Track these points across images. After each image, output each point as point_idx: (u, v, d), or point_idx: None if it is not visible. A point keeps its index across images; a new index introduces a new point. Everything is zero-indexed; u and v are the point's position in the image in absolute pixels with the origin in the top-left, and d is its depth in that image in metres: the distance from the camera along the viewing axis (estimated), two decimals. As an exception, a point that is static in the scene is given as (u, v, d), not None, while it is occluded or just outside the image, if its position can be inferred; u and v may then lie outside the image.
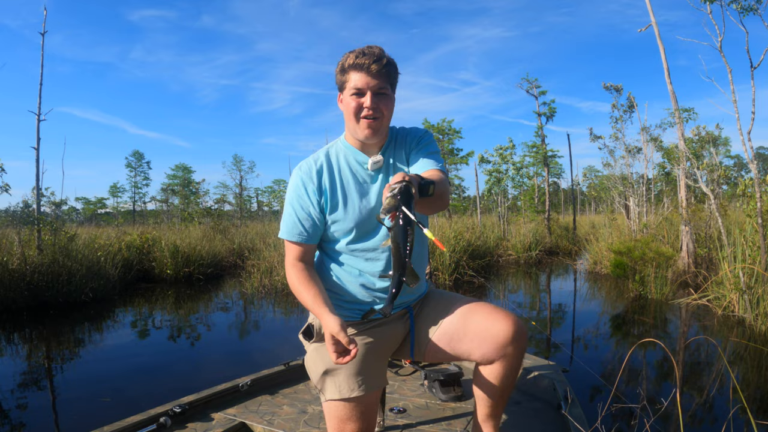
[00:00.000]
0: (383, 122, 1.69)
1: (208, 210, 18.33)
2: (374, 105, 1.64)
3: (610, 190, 11.60)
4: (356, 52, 1.63)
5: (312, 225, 1.72)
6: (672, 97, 9.05)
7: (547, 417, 2.49)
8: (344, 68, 1.65)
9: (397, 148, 1.80)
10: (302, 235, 1.72)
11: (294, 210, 1.73)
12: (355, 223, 1.71)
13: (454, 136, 18.78)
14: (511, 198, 19.16)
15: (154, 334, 5.80)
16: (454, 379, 2.74)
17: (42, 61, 8.37)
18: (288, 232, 1.73)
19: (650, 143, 10.64)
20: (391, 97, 1.69)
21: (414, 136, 1.81)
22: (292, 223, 1.72)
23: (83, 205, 37.09)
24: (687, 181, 8.97)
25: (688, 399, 3.45)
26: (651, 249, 7.81)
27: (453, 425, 2.41)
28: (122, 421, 2.26)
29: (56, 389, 3.90)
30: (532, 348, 4.90)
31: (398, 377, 3.09)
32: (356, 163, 1.76)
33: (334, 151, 1.79)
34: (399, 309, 1.82)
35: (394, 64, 1.68)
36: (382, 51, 1.65)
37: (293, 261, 1.73)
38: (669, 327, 5.77)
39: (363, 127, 1.67)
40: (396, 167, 1.76)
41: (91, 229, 14.61)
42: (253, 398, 2.71)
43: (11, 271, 6.98)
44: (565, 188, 39.04)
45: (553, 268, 12.08)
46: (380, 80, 1.63)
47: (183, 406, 2.41)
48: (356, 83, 1.63)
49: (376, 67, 1.61)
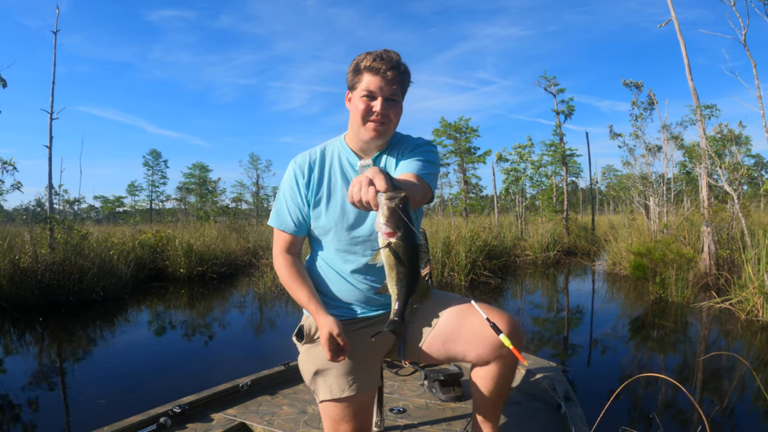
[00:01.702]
0: (390, 128, 1.69)
1: (224, 209, 18.46)
2: (384, 110, 1.63)
3: (630, 189, 11.35)
4: (374, 55, 1.62)
5: (300, 217, 1.76)
6: (693, 93, 8.81)
7: (547, 417, 2.49)
8: (359, 68, 1.64)
9: (392, 154, 1.78)
10: (290, 226, 1.76)
11: (285, 200, 1.77)
12: (335, 222, 1.72)
13: (471, 134, 18.64)
14: (529, 197, 18.90)
15: (161, 334, 5.81)
16: (454, 379, 2.74)
17: (54, 60, 8.44)
18: (277, 221, 1.78)
19: (671, 141, 10.39)
20: (400, 105, 1.69)
21: (412, 144, 1.78)
22: (282, 212, 1.77)
23: (102, 203, 37.65)
24: (709, 180, 8.72)
25: (708, 405, 3.35)
26: (672, 250, 7.59)
27: (453, 425, 2.41)
28: (122, 421, 2.26)
29: (58, 389, 3.90)
30: (542, 350, 4.80)
31: (398, 377, 3.10)
32: (348, 163, 1.77)
33: (331, 149, 1.80)
34: (388, 310, 1.77)
35: (409, 73, 1.69)
36: (400, 58, 1.65)
37: (281, 251, 1.79)
38: (690, 331, 5.60)
39: (369, 129, 1.66)
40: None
41: (106, 227, 14.79)
42: (253, 398, 2.71)
43: (23, 270, 7.01)
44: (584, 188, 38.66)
45: (571, 269, 11.90)
46: (393, 87, 1.63)
47: (183, 407, 2.42)
48: (369, 86, 1.62)
49: (392, 73, 1.61)
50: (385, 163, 1.77)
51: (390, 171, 1.73)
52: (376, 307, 1.79)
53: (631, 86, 11.01)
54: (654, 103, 10.79)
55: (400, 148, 1.78)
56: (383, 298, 1.75)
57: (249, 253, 12.27)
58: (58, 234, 7.90)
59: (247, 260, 11.84)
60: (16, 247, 7.45)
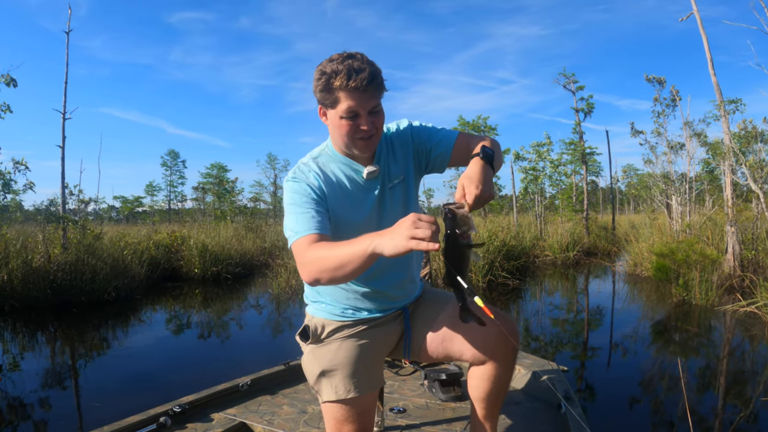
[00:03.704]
0: (378, 136, 1.59)
1: (241, 208, 18.57)
2: (370, 126, 1.52)
3: (651, 188, 11.06)
4: (344, 71, 1.43)
5: (327, 218, 1.55)
6: (716, 88, 8.55)
7: (547, 417, 2.49)
8: (331, 87, 1.47)
9: (391, 153, 1.70)
10: (321, 225, 1.50)
11: (306, 208, 1.53)
12: (354, 236, 1.56)
13: (489, 133, 18.46)
14: (548, 197, 18.60)
15: (168, 335, 5.79)
16: (454, 379, 2.74)
17: (67, 60, 8.58)
18: (306, 226, 1.48)
19: (693, 138, 10.09)
20: (382, 111, 1.56)
21: (400, 138, 1.72)
22: (308, 218, 1.50)
23: (121, 203, 38.22)
24: (733, 178, 8.44)
25: (731, 411, 3.25)
26: (695, 251, 7.36)
27: (453, 425, 2.42)
28: (122, 420, 2.25)
29: (62, 389, 3.92)
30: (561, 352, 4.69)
31: (398, 377, 3.10)
32: (352, 172, 1.65)
33: (323, 161, 1.65)
34: (394, 311, 1.79)
35: (382, 76, 1.52)
36: (370, 66, 1.47)
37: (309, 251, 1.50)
38: (714, 336, 5.42)
39: (360, 145, 1.56)
40: (390, 175, 1.68)
41: (123, 227, 14.96)
42: (253, 398, 2.70)
43: (35, 270, 7.06)
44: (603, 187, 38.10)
45: (591, 270, 11.69)
46: (374, 99, 1.50)
47: (183, 406, 2.41)
48: (349, 106, 1.47)
49: (371, 88, 1.46)
50: (388, 163, 1.68)
51: (398, 173, 1.69)
52: (382, 308, 1.77)
53: (653, 82, 10.75)
54: (676, 100, 10.50)
55: (400, 145, 1.71)
56: (388, 299, 1.75)
57: (265, 253, 12.30)
58: (71, 234, 7.95)
59: (263, 260, 11.87)
60: (29, 246, 7.52)
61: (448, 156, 1.68)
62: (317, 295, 1.78)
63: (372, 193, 1.66)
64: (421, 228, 1.19)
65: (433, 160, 1.71)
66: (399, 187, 1.69)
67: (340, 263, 1.34)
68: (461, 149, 1.66)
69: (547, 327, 5.88)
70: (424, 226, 1.19)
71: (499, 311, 1.60)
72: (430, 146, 1.69)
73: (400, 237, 1.21)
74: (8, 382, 4.03)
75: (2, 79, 7.39)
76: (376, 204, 1.66)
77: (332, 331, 1.72)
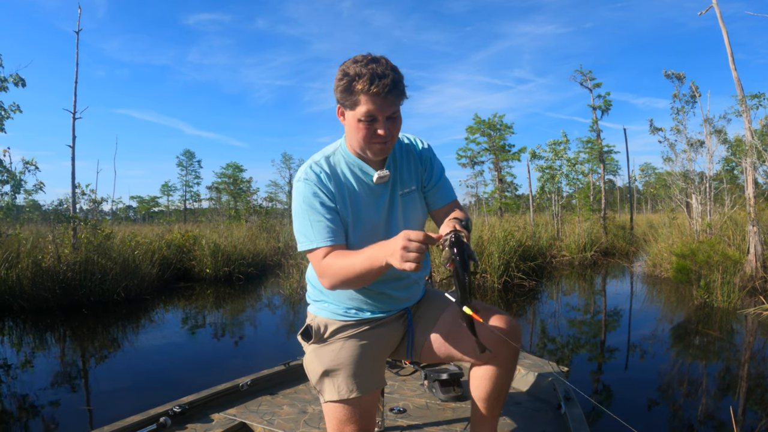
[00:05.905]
0: (393, 142, 1.62)
1: (256, 208, 18.61)
2: (387, 131, 1.56)
3: (671, 186, 10.79)
4: (367, 75, 1.47)
5: (341, 226, 1.62)
6: (737, 83, 8.31)
7: (547, 417, 2.48)
8: (352, 89, 1.50)
9: (402, 161, 1.75)
10: (336, 235, 1.59)
11: (320, 215, 1.59)
12: (359, 239, 1.64)
13: (505, 131, 18.31)
14: (565, 196, 18.34)
15: (176, 335, 5.74)
16: (454, 379, 2.74)
17: (77, 59, 8.58)
18: (321, 236, 1.58)
19: (713, 136, 9.81)
20: (400, 117, 1.60)
21: (420, 155, 1.78)
22: (323, 227, 1.58)
23: (138, 203, 38.68)
24: (756, 175, 8.19)
25: (751, 417, 3.13)
26: (717, 252, 7.14)
27: (453, 425, 2.41)
28: (122, 421, 2.25)
29: (65, 389, 3.91)
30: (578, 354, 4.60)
31: (398, 377, 3.09)
32: (363, 174, 1.68)
33: (335, 160, 1.68)
34: (396, 311, 1.82)
35: (404, 81, 1.55)
36: (393, 72, 1.50)
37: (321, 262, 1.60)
38: (735, 339, 5.25)
39: (374, 149, 1.59)
40: (403, 182, 1.73)
41: (139, 226, 15.04)
42: (253, 398, 2.69)
43: (44, 270, 7.06)
44: (621, 186, 37.56)
45: (608, 270, 11.49)
46: (394, 105, 1.54)
47: (183, 406, 2.40)
48: (368, 110, 1.51)
49: (392, 95, 1.50)
50: (401, 170, 1.73)
51: (408, 180, 1.74)
52: (385, 309, 1.78)
53: (672, 78, 10.48)
54: (696, 96, 10.23)
55: (410, 156, 1.76)
56: (393, 301, 1.77)
57: (279, 253, 12.28)
58: (82, 234, 7.93)
59: (276, 260, 11.85)
60: (39, 246, 7.53)
61: (437, 206, 1.79)
62: (320, 294, 1.80)
63: (380, 198, 1.69)
64: (411, 253, 1.31)
65: (425, 195, 1.81)
66: (412, 195, 1.74)
67: (359, 274, 1.48)
68: (448, 210, 1.77)
69: (564, 328, 5.76)
70: (411, 257, 1.31)
71: (502, 312, 1.65)
72: (432, 184, 1.78)
73: (394, 259, 1.34)
74: (16, 382, 4.05)
75: (11, 78, 7.47)
76: (385, 208, 1.70)
77: (335, 331, 1.73)
